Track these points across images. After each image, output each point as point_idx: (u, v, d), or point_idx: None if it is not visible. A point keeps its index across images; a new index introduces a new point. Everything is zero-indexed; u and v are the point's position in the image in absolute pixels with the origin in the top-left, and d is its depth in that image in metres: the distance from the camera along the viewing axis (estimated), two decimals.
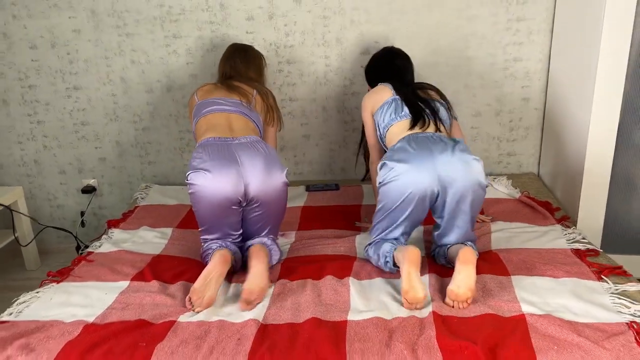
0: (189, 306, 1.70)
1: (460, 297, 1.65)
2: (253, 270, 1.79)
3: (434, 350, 1.46)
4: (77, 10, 2.64)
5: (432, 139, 1.92)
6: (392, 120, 2.04)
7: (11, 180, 2.94)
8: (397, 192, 1.84)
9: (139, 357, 1.48)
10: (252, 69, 2.34)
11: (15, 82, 2.76)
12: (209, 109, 2.11)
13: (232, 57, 2.35)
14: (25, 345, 1.54)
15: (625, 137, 2.22)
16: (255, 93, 2.22)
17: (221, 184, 1.85)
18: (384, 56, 2.30)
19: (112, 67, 2.73)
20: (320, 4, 2.61)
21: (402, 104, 2.06)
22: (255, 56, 2.39)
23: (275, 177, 1.92)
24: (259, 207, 1.95)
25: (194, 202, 1.92)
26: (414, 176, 1.81)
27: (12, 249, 3.02)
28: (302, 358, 1.46)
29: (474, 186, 1.83)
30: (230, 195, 1.86)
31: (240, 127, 2.07)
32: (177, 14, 2.64)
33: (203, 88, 2.25)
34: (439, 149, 1.85)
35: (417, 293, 1.65)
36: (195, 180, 1.87)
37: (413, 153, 1.86)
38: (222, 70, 2.35)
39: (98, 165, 2.90)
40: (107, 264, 2.00)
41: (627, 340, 1.45)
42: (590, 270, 1.81)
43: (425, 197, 1.84)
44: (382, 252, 1.87)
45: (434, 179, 1.82)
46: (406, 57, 2.28)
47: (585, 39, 2.23)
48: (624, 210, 2.31)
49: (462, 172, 1.81)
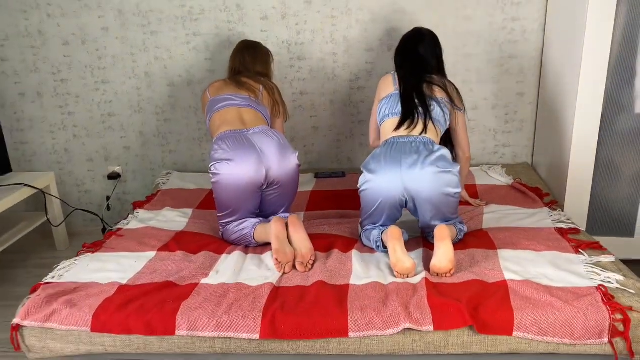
0: (279, 269, 1.91)
1: (442, 270, 1.84)
2: (299, 236, 2.00)
3: (425, 308, 1.66)
4: (105, 10, 2.88)
5: (409, 148, 2.03)
6: (385, 117, 2.19)
7: (43, 167, 3.19)
8: (371, 200, 2.06)
9: (168, 312, 1.71)
10: (259, 64, 2.50)
11: (49, 76, 3.01)
12: (222, 105, 2.30)
13: (241, 52, 2.51)
14: (69, 300, 1.76)
15: (607, 127, 2.41)
16: (261, 88, 2.40)
17: (244, 170, 2.07)
18: (409, 39, 2.32)
19: (137, 63, 2.97)
20: (329, 5, 2.83)
21: (399, 100, 2.17)
22: (263, 52, 2.54)
23: (290, 160, 2.15)
24: (277, 189, 2.17)
25: (218, 190, 2.12)
26: (382, 188, 2.01)
27: (43, 231, 3.27)
28: (309, 313, 1.67)
29: (439, 196, 1.98)
30: (254, 180, 2.08)
31: (251, 119, 2.28)
32: (197, 13, 2.87)
33: (214, 85, 2.43)
34: (408, 162, 1.99)
35: (404, 264, 1.84)
36: (220, 169, 2.08)
37: (383, 165, 2.02)
38: (232, 65, 2.52)
39: (123, 153, 3.14)
40: (136, 238, 2.23)
41: (595, 300, 1.65)
42: (570, 245, 2.00)
43: (395, 204, 2.05)
44: (372, 238, 2.07)
45: (401, 190, 2.01)
46: (431, 41, 2.29)
47: (572, 38, 2.43)
48: (607, 194, 2.50)
49: (428, 184, 1.97)
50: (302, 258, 1.96)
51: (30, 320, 1.72)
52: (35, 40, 2.94)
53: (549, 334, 1.60)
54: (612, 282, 1.72)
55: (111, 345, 1.72)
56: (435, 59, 2.30)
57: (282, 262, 1.93)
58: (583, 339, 1.60)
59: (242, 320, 1.66)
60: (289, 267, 1.93)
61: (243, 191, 2.11)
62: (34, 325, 1.72)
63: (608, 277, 1.76)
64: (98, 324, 1.70)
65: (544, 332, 1.61)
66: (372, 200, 2.06)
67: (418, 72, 2.23)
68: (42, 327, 1.72)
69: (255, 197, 2.16)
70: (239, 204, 2.14)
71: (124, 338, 1.71)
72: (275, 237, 1.97)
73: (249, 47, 2.53)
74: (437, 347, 1.65)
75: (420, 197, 2.00)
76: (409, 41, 2.32)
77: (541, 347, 1.63)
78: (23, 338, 1.74)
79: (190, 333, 1.67)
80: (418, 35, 2.31)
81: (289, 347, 1.68)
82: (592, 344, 1.61)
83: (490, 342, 1.64)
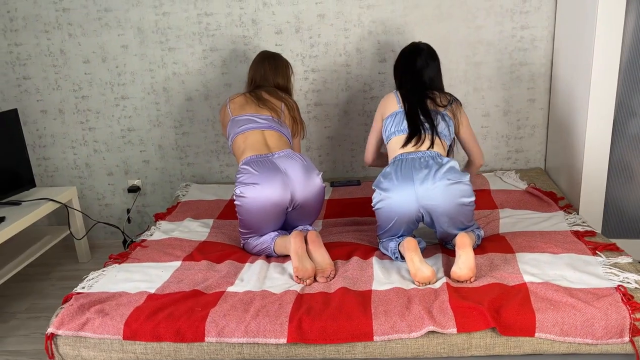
0: (300, 282, 1.95)
1: (463, 278, 1.87)
2: (319, 252, 2.05)
3: (447, 311, 1.70)
4: (125, 28, 2.97)
5: (419, 163, 2.07)
6: (392, 134, 2.24)
7: (64, 181, 3.27)
8: (386, 218, 2.09)
9: (197, 319, 1.76)
10: (280, 76, 2.52)
11: (70, 93, 3.10)
12: (245, 127, 2.32)
13: (261, 63, 2.50)
14: (101, 310, 1.82)
15: (620, 130, 2.45)
16: (283, 107, 2.42)
17: (269, 193, 2.11)
18: (407, 54, 2.35)
19: (156, 79, 3.05)
20: (342, 18, 2.90)
21: (403, 118, 2.22)
22: (284, 63, 2.54)
23: (315, 182, 2.19)
24: (302, 209, 2.22)
25: (243, 212, 2.16)
26: (397, 205, 2.04)
27: (66, 245, 3.34)
28: (334, 317, 1.72)
29: (455, 207, 2.01)
30: (278, 203, 2.13)
31: (275, 142, 2.30)
32: (213, 29, 2.95)
33: (234, 100, 2.44)
34: (420, 177, 2.03)
35: (424, 273, 1.88)
36: (246, 193, 2.12)
37: (396, 184, 2.05)
38: (252, 76, 2.52)
39: (142, 167, 3.21)
40: (160, 249, 2.29)
41: (615, 300, 1.68)
42: (587, 247, 2.04)
43: (411, 219, 2.07)
44: (390, 250, 2.10)
45: (416, 207, 2.04)
46: (429, 54, 2.32)
47: (581, 44, 2.48)
48: (622, 197, 2.53)
49: (442, 197, 2.00)
50: (323, 272, 1.99)
51: (64, 329, 1.78)
52: (57, 59, 3.03)
53: (571, 334, 1.64)
54: (630, 283, 1.76)
55: (142, 353, 1.77)
56: (435, 72, 2.33)
57: (302, 278, 1.96)
58: (604, 338, 1.63)
59: (269, 325, 1.71)
60: (310, 281, 1.96)
61: (267, 213, 2.14)
62: (67, 334, 1.78)
63: (626, 277, 1.80)
64: (129, 332, 1.75)
65: (565, 332, 1.64)
66: (388, 218, 2.09)
67: (420, 88, 2.27)
68: (75, 336, 1.78)
69: (279, 218, 2.19)
70: (262, 225, 2.18)
71: (154, 345, 1.76)
72: (295, 253, 2.00)
73: (270, 58, 2.53)
74: (461, 349, 1.68)
75: (437, 211, 2.03)
76: (408, 56, 2.34)
77: (563, 347, 1.66)
78: (57, 347, 1.80)
79: (219, 339, 1.72)
80: (416, 50, 2.33)
81: (316, 352, 1.72)
82: (614, 344, 1.64)
83: (513, 344, 1.67)
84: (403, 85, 2.34)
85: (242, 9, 2.91)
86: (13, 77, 3.08)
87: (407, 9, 2.87)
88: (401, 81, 2.36)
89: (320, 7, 2.89)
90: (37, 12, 2.96)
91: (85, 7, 2.94)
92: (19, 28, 2.99)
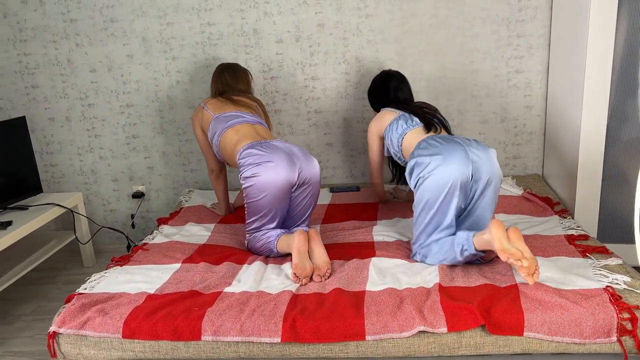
0: (297, 281, 2.00)
1: (531, 267, 1.74)
2: (318, 250, 2.10)
3: (438, 310, 1.74)
4: (130, 38, 3.06)
5: (453, 137, 2.06)
6: (405, 130, 2.26)
7: (71, 187, 3.34)
8: (440, 184, 1.93)
9: (194, 318, 1.80)
10: (241, 83, 2.66)
11: (77, 101, 3.18)
12: (234, 121, 2.43)
13: (221, 74, 2.66)
14: (101, 309, 1.87)
15: (613, 135, 2.48)
16: (256, 106, 2.59)
17: (282, 169, 2.18)
18: (381, 79, 2.57)
19: (160, 87, 3.13)
20: (341, 27, 2.97)
21: (410, 116, 2.30)
22: (242, 71, 2.70)
23: (314, 162, 2.29)
24: (308, 189, 2.27)
25: (254, 192, 2.19)
26: (451, 165, 1.91)
27: (71, 249, 3.41)
28: (328, 317, 1.76)
29: (495, 172, 1.98)
30: (289, 179, 2.19)
31: (265, 133, 2.43)
32: (216, 39, 3.03)
33: (210, 102, 2.55)
34: (463, 140, 2.02)
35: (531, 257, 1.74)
36: (260, 171, 2.18)
37: (443, 146, 1.97)
38: (215, 87, 2.66)
39: (146, 173, 3.28)
40: (161, 251, 2.34)
41: (603, 300, 1.71)
42: (577, 250, 2.07)
43: (464, 184, 1.94)
44: (456, 242, 1.91)
45: (468, 164, 1.93)
46: (401, 77, 2.55)
47: (575, 52, 2.52)
48: (616, 203, 2.56)
49: (485, 156, 1.98)
50: (319, 271, 2.05)
51: (66, 327, 1.83)
52: (64, 68, 3.12)
53: (559, 333, 1.67)
54: (619, 284, 1.78)
55: (141, 351, 1.82)
56: (408, 93, 2.53)
57: (300, 276, 2.01)
58: (592, 338, 1.66)
59: (264, 325, 1.76)
60: (306, 280, 2.01)
61: (279, 190, 2.19)
62: (69, 333, 1.83)
63: (615, 278, 1.82)
64: (128, 331, 1.80)
65: (553, 332, 1.67)
66: (442, 184, 1.91)
67: (403, 97, 2.47)
68: (76, 334, 1.83)
69: (287, 197, 2.25)
70: (274, 205, 2.21)
71: (152, 344, 1.81)
72: (297, 250, 2.06)
73: (228, 68, 2.68)
74: (451, 348, 1.72)
75: (483, 171, 1.94)
76: (381, 80, 2.55)
77: (552, 347, 1.69)
78: (59, 345, 1.85)
79: (215, 338, 1.77)
80: (387, 74, 2.56)
81: (309, 351, 1.76)
82: (601, 343, 1.66)
83: (502, 343, 1.70)
84: (384, 106, 2.50)
85: (243, 19, 2.99)
86: (22, 86, 3.17)
87: (404, 18, 2.93)
88: (381, 103, 2.54)
89: (320, 17, 2.96)
90: (45, 23, 3.06)
91: (92, 18, 3.03)
92: (28, 38, 3.09)
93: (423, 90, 3.03)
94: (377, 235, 2.39)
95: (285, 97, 3.10)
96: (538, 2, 2.85)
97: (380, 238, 2.34)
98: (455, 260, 1.98)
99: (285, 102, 3.11)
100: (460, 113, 3.05)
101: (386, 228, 2.45)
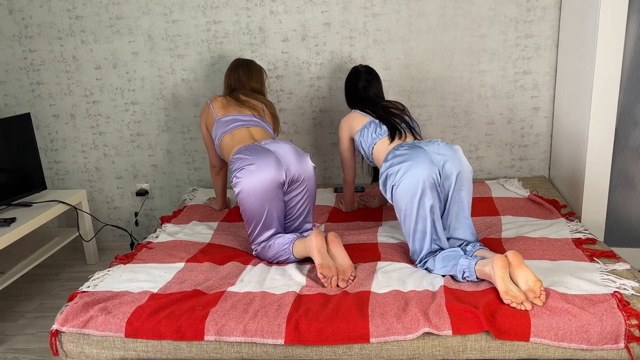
0: (327, 283, 1.95)
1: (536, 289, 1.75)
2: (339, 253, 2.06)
3: (443, 313, 1.72)
4: (135, 35, 3.05)
5: (416, 143, 2.16)
6: (374, 140, 2.33)
7: (75, 184, 3.34)
8: (411, 188, 2.03)
9: (197, 318, 1.79)
10: (254, 80, 2.64)
11: (82, 98, 3.18)
12: (232, 126, 2.43)
13: (235, 70, 2.63)
14: (104, 308, 1.87)
15: (622, 139, 2.45)
16: (264, 107, 2.56)
17: (265, 170, 2.16)
18: (350, 79, 2.57)
19: (165, 84, 3.12)
20: (347, 26, 2.95)
21: (379, 123, 2.35)
22: (257, 69, 2.66)
23: (306, 160, 2.26)
24: (302, 187, 2.25)
25: (244, 197, 2.19)
26: (418, 167, 2.03)
27: (74, 246, 3.41)
28: (331, 319, 1.74)
29: (464, 165, 2.07)
30: (275, 178, 2.16)
31: (260, 135, 2.42)
32: (221, 37, 3.01)
33: (216, 100, 2.55)
34: (426, 144, 2.13)
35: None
36: (244, 175, 2.18)
37: (408, 153, 2.10)
38: (228, 82, 2.65)
39: (151, 171, 3.27)
40: (165, 250, 2.33)
41: (610, 306, 1.69)
42: (584, 254, 2.04)
43: (434, 183, 2.03)
44: (459, 270, 1.93)
45: (433, 164, 2.04)
46: (368, 73, 2.55)
47: (584, 54, 2.49)
48: (624, 206, 2.53)
49: (450, 152, 2.08)
50: (344, 275, 1.99)
51: (69, 326, 1.82)
52: (69, 64, 3.12)
53: (566, 339, 1.65)
54: (627, 289, 1.76)
55: (143, 351, 1.81)
56: (378, 89, 2.55)
57: (327, 276, 1.96)
58: (599, 344, 1.64)
59: (267, 326, 1.74)
60: (334, 280, 1.96)
61: (266, 191, 2.16)
62: (71, 331, 1.82)
63: (623, 284, 1.80)
64: (131, 330, 1.79)
65: (560, 337, 1.65)
66: (414, 187, 2.01)
67: (372, 102, 2.46)
68: (79, 333, 1.82)
69: (278, 197, 2.20)
70: (265, 206, 2.18)
71: (155, 343, 1.80)
72: (317, 250, 2.02)
73: (243, 65, 2.66)
74: (456, 351, 1.70)
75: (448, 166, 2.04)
76: (351, 80, 2.56)
77: (558, 352, 1.67)
78: (61, 343, 1.84)
79: (218, 338, 1.76)
80: (356, 73, 2.56)
81: (313, 353, 1.75)
82: (609, 349, 1.64)
83: (507, 347, 1.68)
84: (356, 105, 2.53)
85: (249, 17, 2.97)
86: (27, 83, 3.17)
87: (411, 18, 2.91)
88: (352, 102, 2.57)
89: (326, 16, 2.94)
90: (51, 20, 3.05)
91: (97, 15, 3.02)
92: (34, 35, 3.08)
93: (429, 90, 3.01)
94: (381, 236, 2.37)
95: (290, 96, 3.09)
96: (547, 2, 2.83)
97: (384, 239, 2.33)
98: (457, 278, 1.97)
99: (290, 101, 3.10)
100: (467, 114, 3.03)
101: (391, 229, 2.44)
